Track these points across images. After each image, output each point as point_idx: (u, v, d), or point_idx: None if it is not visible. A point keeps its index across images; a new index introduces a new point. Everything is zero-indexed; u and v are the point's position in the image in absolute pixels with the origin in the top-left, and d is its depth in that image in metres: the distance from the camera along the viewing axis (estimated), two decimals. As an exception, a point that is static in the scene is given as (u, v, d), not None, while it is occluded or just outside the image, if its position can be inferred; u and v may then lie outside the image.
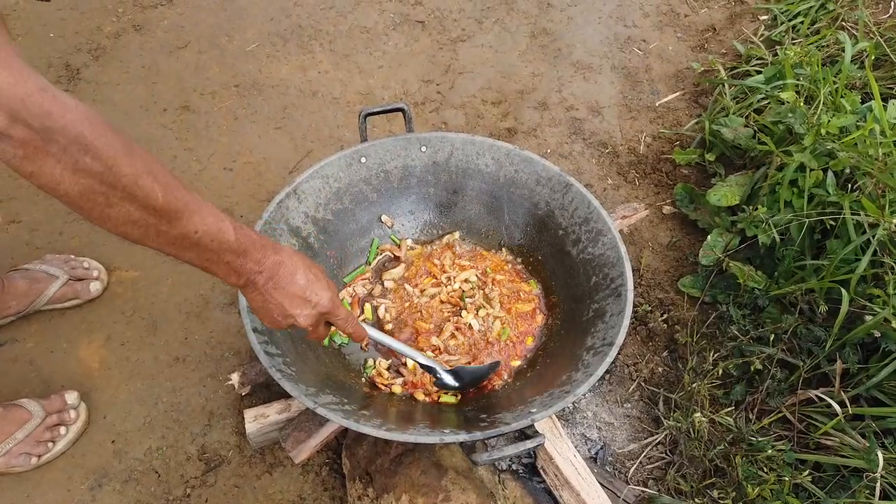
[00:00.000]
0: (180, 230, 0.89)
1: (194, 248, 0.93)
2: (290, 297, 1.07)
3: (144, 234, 0.87)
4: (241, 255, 0.99)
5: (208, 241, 0.93)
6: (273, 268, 1.04)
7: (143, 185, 0.81)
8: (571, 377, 1.23)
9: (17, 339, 1.72)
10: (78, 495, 1.49)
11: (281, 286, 1.06)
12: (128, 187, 0.80)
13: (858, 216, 1.54)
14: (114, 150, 0.78)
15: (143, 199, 0.82)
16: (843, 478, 1.39)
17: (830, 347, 1.51)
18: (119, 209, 0.82)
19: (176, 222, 0.87)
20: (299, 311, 1.09)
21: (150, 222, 0.85)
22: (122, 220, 0.83)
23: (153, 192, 0.83)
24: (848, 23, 2.28)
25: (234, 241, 0.96)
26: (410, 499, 1.27)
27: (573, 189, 1.49)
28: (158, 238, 0.88)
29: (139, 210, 0.83)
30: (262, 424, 1.47)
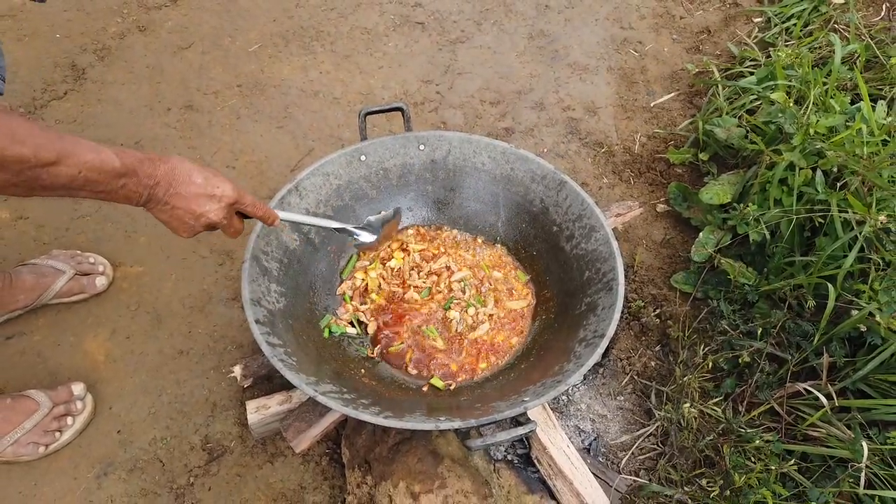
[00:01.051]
0: (66, 175, 0.95)
1: (87, 186, 0.99)
2: (193, 197, 1.12)
3: (31, 189, 0.94)
4: (132, 175, 1.03)
5: (95, 175, 0.98)
6: (167, 175, 1.09)
7: (10, 153, 0.87)
8: (563, 368, 1.27)
9: (25, 332, 1.75)
10: (84, 483, 1.53)
11: (181, 190, 1.10)
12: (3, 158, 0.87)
13: (846, 213, 1.58)
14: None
15: (16, 163, 0.88)
16: (828, 468, 1.43)
17: (818, 342, 1.55)
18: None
19: (57, 170, 0.93)
20: (207, 207, 1.14)
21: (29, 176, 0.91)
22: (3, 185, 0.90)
23: (20, 154, 0.88)
24: (840, 25, 2.32)
25: (120, 166, 1.01)
26: (407, 485, 1.31)
27: (567, 186, 1.53)
28: (50, 187, 0.95)
29: (16, 174, 0.90)
30: (264, 415, 1.51)
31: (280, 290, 1.40)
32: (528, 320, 1.58)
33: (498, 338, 1.54)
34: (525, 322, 1.57)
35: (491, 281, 1.62)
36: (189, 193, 1.11)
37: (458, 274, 1.61)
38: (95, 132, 2.19)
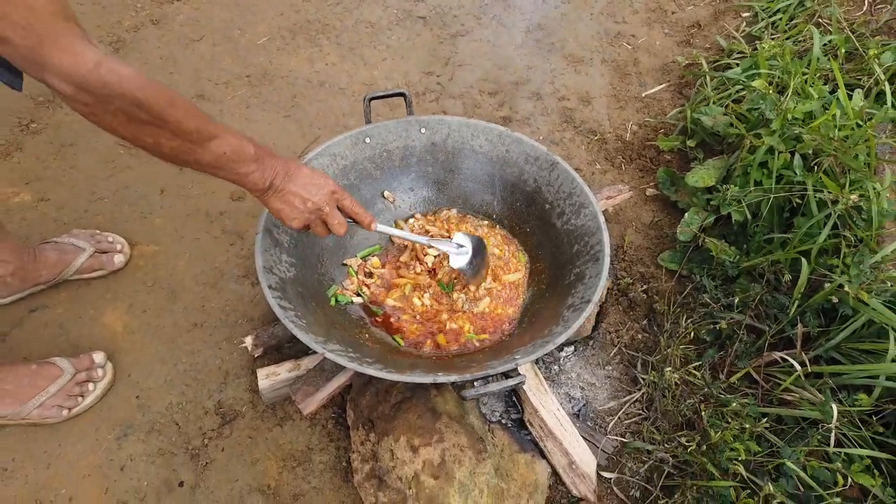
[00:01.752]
0: (214, 152, 1.16)
1: (228, 165, 1.20)
2: (303, 185, 1.33)
3: (186, 160, 1.15)
4: (260, 163, 1.25)
5: (236, 157, 1.20)
6: (285, 167, 1.31)
7: (184, 125, 1.08)
8: (553, 330, 1.37)
9: (48, 305, 1.86)
10: (105, 444, 1.63)
11: (294, 179, 1.32)
12: (172, 126, 1.07)
13: (821, 193, 1.68)
14: (160, 103, 1.03)
15: (185, 134, 1.09)
16: (801, 429, 1.53)
17: (794, 313, 1.65)
18: (166, 145, 1.09)
19: (209, 146, 1.15)
20: (314, 192, 1.34)
21: (191, 149, 1.12)
22: (168, 153, 1.11)
23: (190, 128, 1.09)
24: (823, 19, 2.42)
25: (254, 153, 1.23)
26: (408, 440, 1.42)
27: (559, 167, 1.64)
28: (201, 161, 1.16)
29: (183, 142, 1.10)
30: (274, 381, 1.61)
31: (290, 260, 1.51)
32: (523, 292, 1.68)
33: (498, 310, 1.65)
34: (520, 293, 1.68)
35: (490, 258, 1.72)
36: (299, 182, 1.32)
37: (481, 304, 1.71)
38: (112, 119, 2.30)
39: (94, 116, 1.01)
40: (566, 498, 1.57)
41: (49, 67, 0.93)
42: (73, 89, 0.94)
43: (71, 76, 0.93)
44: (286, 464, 1.62)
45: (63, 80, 0.94)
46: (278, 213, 1.34)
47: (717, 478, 1.41)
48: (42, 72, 0.94)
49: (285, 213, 1.34)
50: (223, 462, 1.61)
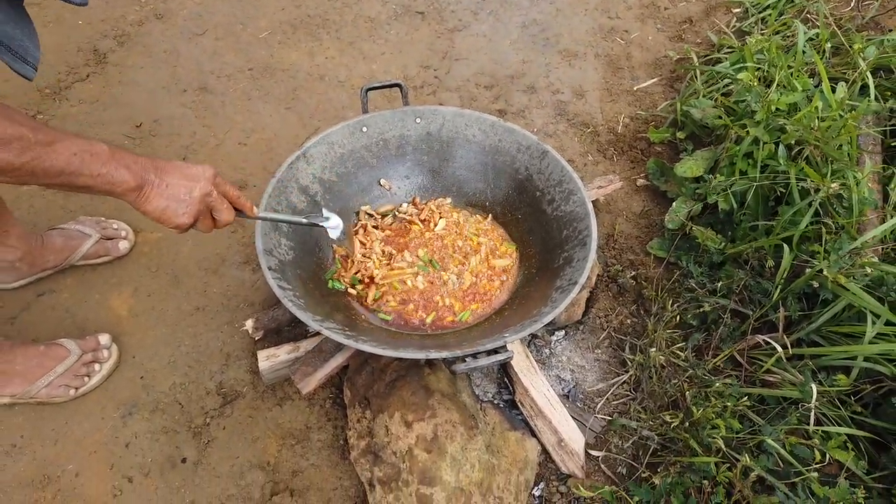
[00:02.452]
0: (64, 156, 1.03)
1: (83, 169, 1.06)
2: (181, 174, 1.20)
3: (32, 172, 1.01)
4: (120, 160, 1.11)
5: (89, 157, 1.06)
6: (153, 163, 1.18)
7: (12, 131, 0.97)
8: (541, 311, 1.43)
9: (55, 290, 1.92)
10: (111, 422, 1.69)
11: (169, 171, 1.19)
12: (2, 138, 0.96)
13: (804, 182, 1.74)
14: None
15: (19, 139, 0.98)
16: (782, 409, 1.59)
17: (776, 298, 1.70)
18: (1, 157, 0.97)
19: (53, 149, 1.02)
20: (196, 177, 1.21)
21: (28, 162, 1.00)
22: (6, 168, 0.98)
23: (24, 133, 0.98)
24: (812, 15, 2.47)
25: (108, 151, 1.10)
26: (402, 415, 1.47)
27: (549, 155, 1.69)
28: (46, 174, 1.03)
29: (16, 154, 0.98)
30: (274, 363, 1.67)
31: (289, 244, 1.56)
32: (513, 276, 1.74)
33: (485, 286, 1.70)
34: (510, 277, 1.73)
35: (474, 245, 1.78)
36: (178, 172, 1.20)
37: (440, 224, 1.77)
38: (117, 111, 2.36)
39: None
40: (555, 475, 1.63)
41: None
42: None
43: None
44: (285, 442, 1.67)
45: None
46: (163, 211, 1.19)
47: (700, 454, 1.47)
48: None
49: (171, 209, 1.19)
50: (224, 440, 1.67)
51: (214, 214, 1.29)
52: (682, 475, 1.47)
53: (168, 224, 1.22)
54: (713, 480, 1.44)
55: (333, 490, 1.61)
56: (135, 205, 1.17)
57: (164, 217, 1.20)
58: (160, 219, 1.20)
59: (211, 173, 1.25)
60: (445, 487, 1.41)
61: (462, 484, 1.43)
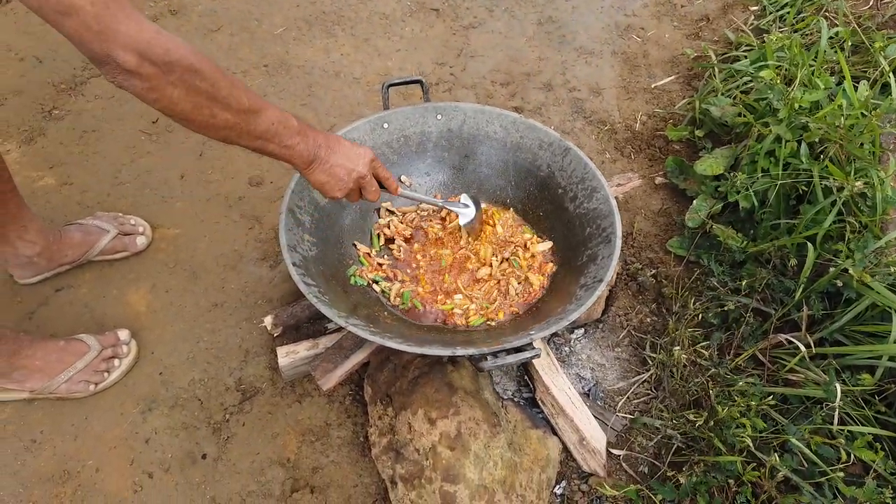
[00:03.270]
0: (262, 124, 1.18)
1: (275, 138, 1.22)
2: (345, 155, 1.38)
3: (238, 133, 1.16)
4: (304, 135, 1.28)
5: (282, 129, 1.22)
6: (326, 139, 1.35)
7: (236, 95, 1.10)
8: (566, 309, 1.42)
9: (73, 285, 1.91)
10: (130, 417, 1.69)
11: (336, 150, 1.36)
12: (226, 98, 1.08)
13: (827, 181, 1.73)
14: (213, 72, 1.05)
15: (237, 106, 1.11)
16: (805, 408, 1.58)
17: (799, 297, 1.69)
18: (221, 116, 1.10)
19: (257, 118, 1.16)
20: (356, 161, 1.40)
21: (241, 123, 1.14)
22: (223, 125, 1.12)
23: (241, 99, 1.11)
24: (830, 13, 2.46)
25: (297, 125, 1.26)
26: (425, 412, 1.47)
27: (572, 152, 1.68)
28: (249, 135, 1.18)
29: (234, 115, 1.11)
30: (293, 359, 1.67)
31: (312, 239, 1.56)
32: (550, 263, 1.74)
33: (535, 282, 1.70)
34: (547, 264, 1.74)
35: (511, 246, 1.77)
36: (342, 153, 1.37)
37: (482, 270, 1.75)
38: (133, 106, 2.36)
39: (155, 91, 1.00)
40: (576, 473, 1.62)
41: (115, 35, 0.92)
42: (137, 59, 0.94)
43: (137, 43, 0.93)
44: (305, 438, 1.67)
45: (128, 49, 0.93)
46: (322, 185, 1.38)
47: (724, 453, 1.46)
48: (107, 41, 0.92)
49: (330, 185, 1.38)
50: (244, 436, 1.67)
51: (363, 193, 1.48)
52: (707, 474, 1.46)
53: (325, 195, 1.41)
54: (738, 480, 1.43)
55: (354, 487, 1.60)
56: (302, 173, 1.36)
57: (323, 189, 1.39)
58: (320, 189, 1.39)
59: (370, 157, 1.43)
60: (469, 485, 1.41)
61: (485, 482, 1.43)
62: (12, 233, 1.73)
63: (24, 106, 2.36)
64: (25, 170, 2.16)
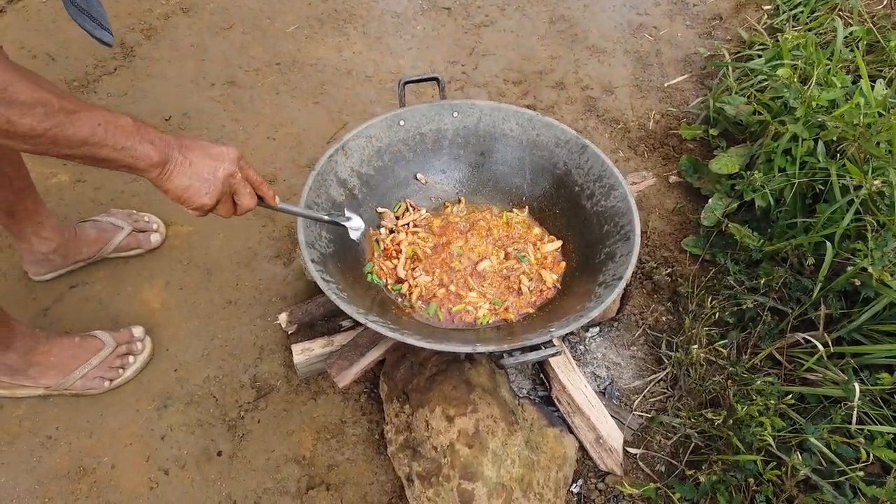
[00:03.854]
0: (83, 128, 0.97)
1: (107, 140, 0.99)
2: (206, 153, 1.14)
3: (53, 141, 0.95)
4: (144, 134, 1.05)
5: (113, 129, 1.00)
6: (177, 139, 1.11)
7: (41, 97, 0.91)
8: (585, 306, 1.42)
9: (88, 282, 1.92)
10: (146, 414, 1.69)
11: (193, 147, 1.13)
12: (25, 101, 0.90)
13: (844, 179, 1.72)
14: (5, 76, 0.88)
15: (44, 109, 0.92)
16: (823, 407, 1.57)
17: (816, 296, 1.69)
18: (22, 123, 0.91)
19: (74, 121, 0.96)
20: (220, 161, 1.15)
21: (52, 129, 0.94)
22: (27, 133, 0.92)
23: (50, 101, 0.92)
24: (844, 12, 2.46)
25: (133, 124, 1.04)
26: (443, 410, 1.46)
27: (589, 150, 1.68)
28: (68, 143, 0.96)
29: (40, 120, 0.92)
30: (309, 356, 1.66)
31: (329, 237, 1.55)
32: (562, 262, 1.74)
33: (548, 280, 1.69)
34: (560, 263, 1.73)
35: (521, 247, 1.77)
36: (202, 150, 1.14)
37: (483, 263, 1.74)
38: (145, 104, 2.36)
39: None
40: (593, 472, 1.62)
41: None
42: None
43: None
44: (320, 436, 1.67)
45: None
46: (185, 190, 1.12)
47: (743, 452, 1.45)
48: None
49: (194, 188, 1.13)
50: (259, 433, 1.66)
51: (236, 198, 1.22)
52: (727, 473, 1.45)
53: (189, 204, 1.15)
54: (758, 479, 1.43)
55: (370, 485, 1.60)
56: (156, 182, 1.10)
57: (186, 196, 1.13)
58: (181, 198, 1.13)
59: (236, 154, 1.19)
60: (487, 483, 1.40)
61: (503, 480, 1.42)
62: (28, 229, 1.73)
63: (37, 103, 2.35)
64: (39, 166, 2.16)
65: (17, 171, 1.61)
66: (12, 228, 1.72)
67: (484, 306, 1.63)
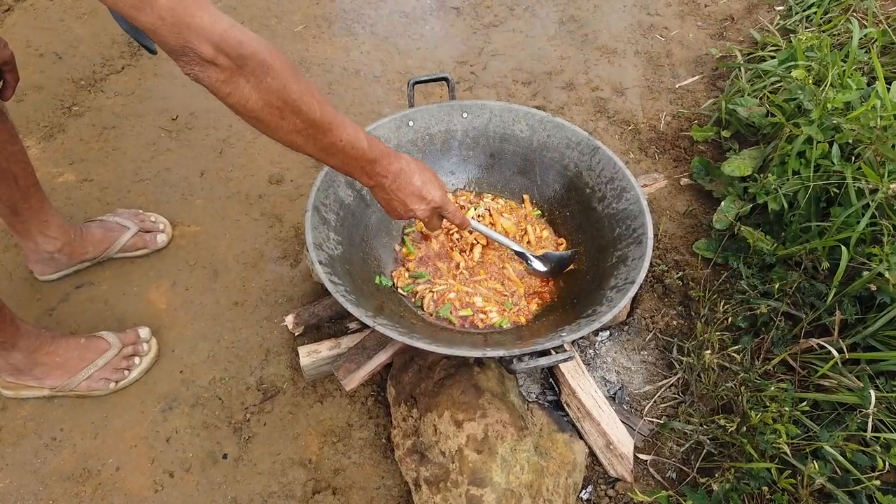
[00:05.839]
0: (330, 139, 1.15)
1: (339, 154, 1.20)
2: (409, 195, 1.36)
3: (305, 142, 1.13)
4: (373, 163, 1.26)
5: (349, 149, 1.20)
6: (396, 173, 1.32)
7: (306, 101, 1.06)
8: (597, 310, 1.39)
9: (93, 282, 1.90)
10: (151, 416, 1.67)
11: (402, 187, 1.34)
12: (296, 102, 1.05)
13: (860, 183, 1.69)
14: (286, 72, 1.02)
15: (307, 112, 1.07)
16: (838, 414, 1.55)
17: (831, 301, 1.66)
18: (289, 121, 1.06)
19: (328, 132, 1.14)
20: (417, 206, 1.38)
21: (309, 132, 1.11)
22: (290, 130, 1.08)
23: (313, 107, 1.08)
24: (858, 13, 2.43)
25: (368, 150, 1.23)
26: (452, 414, 1.44)
27: (600, 152, 1.66)
28: (315, 145, 1.15)
29: (303, 122, 1.08)
30: (315, 359, 1.65)
31: (337, 238, 1.54)
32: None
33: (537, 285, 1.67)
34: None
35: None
36: (407, 192, 1.35)
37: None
38: (153, 104, 2.34)
39: (228, 84, 0.98)
40: (602, 478, 1.60)
41: (191, 26, 0.90)
42: (213, 50, 0.92)
43: (212, 34, 0.92)
44: (327, 439, 1.65)
45: (204, 40, 0.92)
46: (381, 202, 1.40)
47: (757, 459, 1.43)
48: (182, 31, 0.91)
49: (386, 209, 1.41)
50: (265, 436, 1.65)
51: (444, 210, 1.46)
52: (740, 481, 1.43)
53: (431, 199, 1.39)
54: (772, 487, 1.40)
55: (376, 489, 1.58)
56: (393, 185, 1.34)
57: (425, 191, 1.38)
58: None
59: (433, 206, 1.42)
60: (496, 489, 1.38)
61: (512, 486, 1.40)
62: (34, 228, 1.72)
63: (43, 102, 2.35)
64: (45, 166, 2.15)
65: (24, 169, 1.60)
66: (18, 227, 1.71)
67: (493, 310, 1.61)
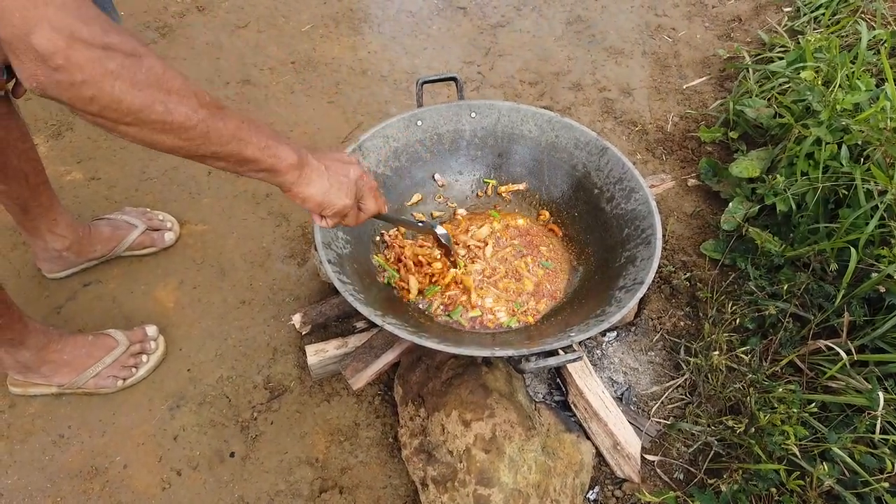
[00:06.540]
0: (231, 121, 0.96)
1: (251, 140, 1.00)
2: (334, 157, 1.19)
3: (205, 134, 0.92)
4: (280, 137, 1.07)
5: (255, 128, 1.01)
6: (309, 147, 1.15)
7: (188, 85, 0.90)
8: (605, 311, 1.39)
9: (101, 280, 1.91)
10: (158, 414, 1.67)
11: (328, 154, 1.18)
12: (180, 89, 0.88)
13: (868, 184, 1.69)
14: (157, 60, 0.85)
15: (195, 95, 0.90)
16: (846, 416, 1.54)
17: (839, 302, 1.66)
18: (179, 112, 0.88)
19: (224, 113, 0.95)
20: (349, 163, 1.21)
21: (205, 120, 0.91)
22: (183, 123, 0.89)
23: (197, 90, 0.91)
24: (867, 15, 2.42)
25: (268, 128, 1.05)
26: (460, 414, 1.44)
27: (609, 152, 1.65)
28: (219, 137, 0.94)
29: (195, 110, 0.90)
30: (322, 358, 1.65)
31: (346, 237, 1.54)
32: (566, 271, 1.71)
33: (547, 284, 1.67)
34: (563, 276, 1.70)
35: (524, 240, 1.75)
36: (335, 156, 1.19)
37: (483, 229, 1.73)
38: (161, 102, 2.35)
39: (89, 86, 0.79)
40: (609, 478, 1.59)
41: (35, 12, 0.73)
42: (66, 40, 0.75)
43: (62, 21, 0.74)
44: (334, 438, 1.65)
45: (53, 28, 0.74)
46: (326, 193, 1.14)
47: (765, 460, 1.43)
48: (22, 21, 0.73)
49: (334, 191, 1.15)
50: (272, 435, 1.65)
51: (362, 203, 1.27)
52: (748, 482, 1.43)
53: (332, 207, 1.17)
54: (780, 488, 1.40)
55: (383, 488, 1.58)
56: (294, 187, 1.11)
57: (328, 199, 1.15)
58: (323, 202, 1.15)
59: (356, 158, 1.26)
60: (503, 489, 1.38)
61: (519, 486, 1.40)
62: (43, 225, 1.72)
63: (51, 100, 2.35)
64: (53, 164, 2.16)
65: (34, 167, 1.61)
66: (26, 225, 1.72)
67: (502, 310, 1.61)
